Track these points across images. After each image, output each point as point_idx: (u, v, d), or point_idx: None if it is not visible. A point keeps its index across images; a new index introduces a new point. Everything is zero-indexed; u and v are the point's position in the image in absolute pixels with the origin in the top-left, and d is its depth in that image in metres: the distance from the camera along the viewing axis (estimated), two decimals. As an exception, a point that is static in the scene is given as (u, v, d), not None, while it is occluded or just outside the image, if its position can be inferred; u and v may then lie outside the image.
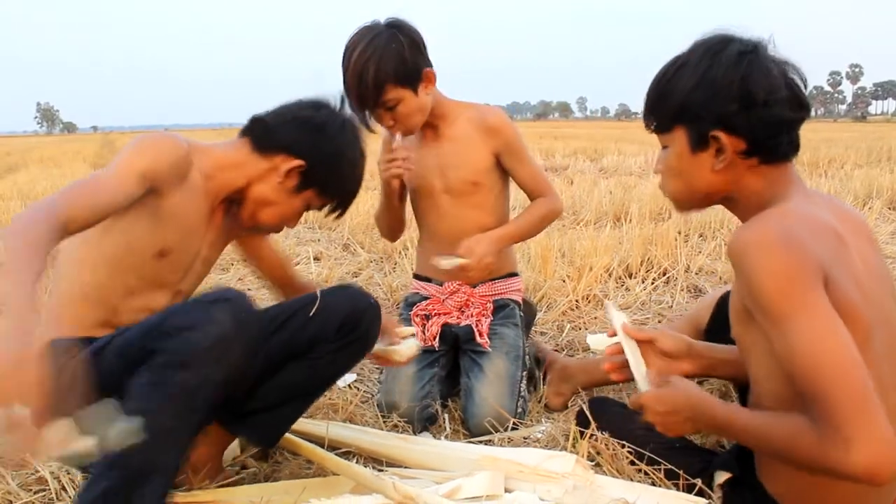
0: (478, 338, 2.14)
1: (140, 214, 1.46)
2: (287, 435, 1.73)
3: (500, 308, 2.25)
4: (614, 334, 1.55)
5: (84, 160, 15.51)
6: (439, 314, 2.21)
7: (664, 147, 1.38)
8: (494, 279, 2.27)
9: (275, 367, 1.58)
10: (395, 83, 1.94)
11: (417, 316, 2.22)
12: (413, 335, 1.90)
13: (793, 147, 1.30)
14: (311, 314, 1.57)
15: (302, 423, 1.88)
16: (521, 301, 2.33)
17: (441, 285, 2.25)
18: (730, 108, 1.25)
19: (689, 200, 1.39)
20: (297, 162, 1.60)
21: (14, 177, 10.93)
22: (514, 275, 2.35)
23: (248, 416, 1.61)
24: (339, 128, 1.65)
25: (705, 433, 1.36)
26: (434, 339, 2.16)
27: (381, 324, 1.69)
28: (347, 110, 1.73)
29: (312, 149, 1.61)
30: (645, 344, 1.57)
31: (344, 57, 1.94)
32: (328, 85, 1.76)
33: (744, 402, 1.79)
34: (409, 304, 2.31)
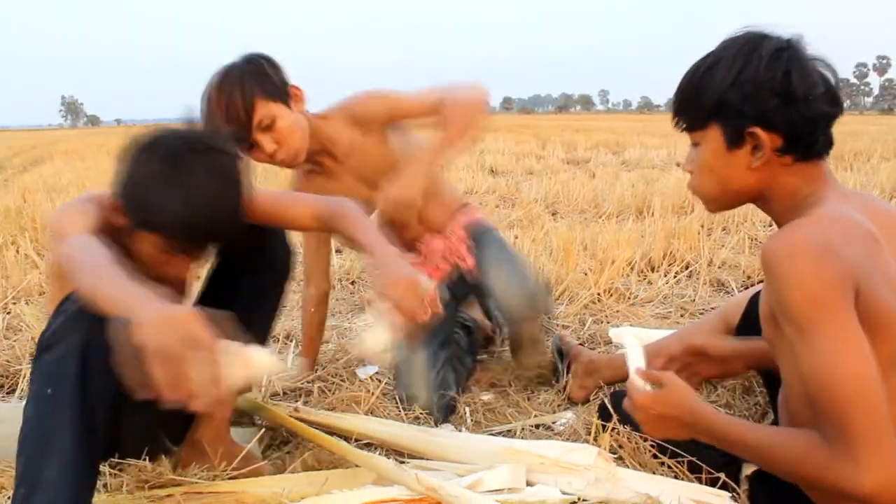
0: (467, 267, 2.17)
1: None
2: (309, 427, 1.74)
3: (478, 238, 2.22)
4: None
5: (108, 153, 15.63)
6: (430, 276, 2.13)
7: (694, 145, 1.36)
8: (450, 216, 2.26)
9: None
10: (264, 97, 1.88)
11: None
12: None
13: (827, 144, 1.28)
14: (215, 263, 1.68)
15: (323, 416, 1.89)
16: (491, 226, 2.32)
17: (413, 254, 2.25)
18: (769, 104, 1.22)
19: (722, 199, 1.37)
20: (113, 200, 1.44)
21: (39, 169, 11.06)
22: (465, 205, 2.33)
23: None
24: (140, 155, 1.41)
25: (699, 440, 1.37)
26: (436, 304, 2.05)
27: (282, 243, 1.69)
28: (177, 136, 1.43)
29: (119, 181, 1.43)
30: (697, 356, 1.59)
31: (206, 95, 1.87)
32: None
33: (771, 394, 1.79)
34: None
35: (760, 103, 1.23)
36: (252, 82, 1.87)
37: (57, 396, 1.25)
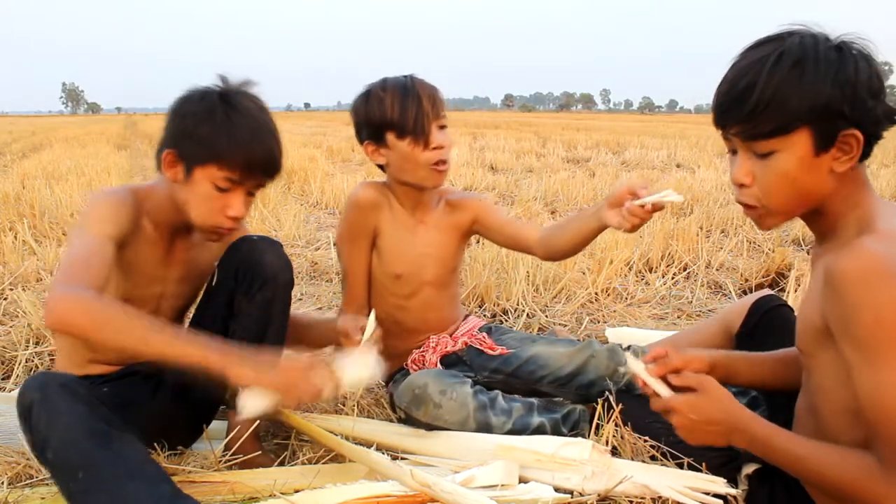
0: (489, 352, 2.01)
1: None
2: (303, 421, 1.73)
3: (495, 329, 2.13)
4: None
5: (108, 141, 15.62)
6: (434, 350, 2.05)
7: (763, 154, 1.22)
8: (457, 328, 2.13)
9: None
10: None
11: (416, 363, 2.03)
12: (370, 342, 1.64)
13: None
14: (213, 282, 1.70)
15: (313, 418, 1.86)
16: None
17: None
18: (868, 104, 1.16)
19: (795, 210, 1.27)
20: (168, 151, 1.55)
21: (39, 156, 11.01)
22: (468, 315, 2.20)
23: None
24: (195, 100, 1.56)
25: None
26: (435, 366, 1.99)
27: (277, 256, 1.67)
28: (218, 86, 1.58)
29: (174, 132, 1.56)
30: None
31: (402, 79, 1.94)
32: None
33: (769, 403, 1.78)
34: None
35: (861, 104, 1.16)
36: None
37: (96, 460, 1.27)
